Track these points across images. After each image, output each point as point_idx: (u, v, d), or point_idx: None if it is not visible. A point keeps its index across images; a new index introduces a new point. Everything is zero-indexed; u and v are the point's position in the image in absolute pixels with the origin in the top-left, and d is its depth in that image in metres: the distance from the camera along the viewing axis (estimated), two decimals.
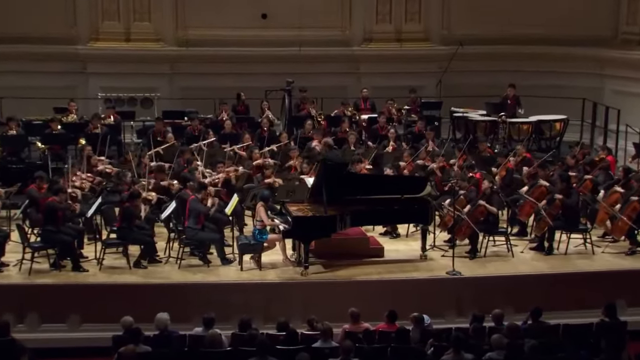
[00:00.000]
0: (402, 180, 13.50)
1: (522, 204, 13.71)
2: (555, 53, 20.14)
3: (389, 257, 13.01)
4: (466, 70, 20.27)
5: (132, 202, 12.49)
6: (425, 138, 16.85)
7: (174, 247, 12.90)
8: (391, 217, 12.92)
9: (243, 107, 18.76)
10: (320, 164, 12.78)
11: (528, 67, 20.25)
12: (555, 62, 20.24)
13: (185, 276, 12.23)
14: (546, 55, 20.25)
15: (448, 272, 12.31)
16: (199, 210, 12.45)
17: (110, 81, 19.56)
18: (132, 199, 12.52)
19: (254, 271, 12.36)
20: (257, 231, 12.40)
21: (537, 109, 19.03)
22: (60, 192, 12.41)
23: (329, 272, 12.37)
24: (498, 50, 20.36)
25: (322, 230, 12.20)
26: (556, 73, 20.17)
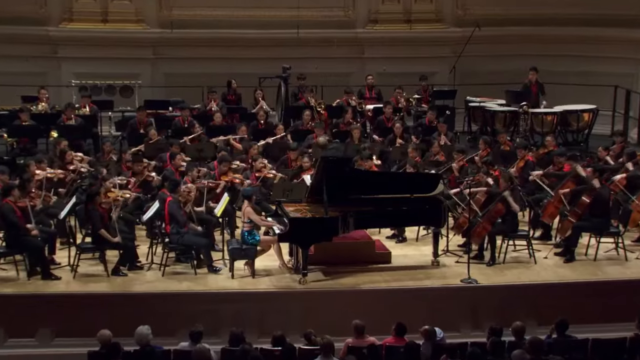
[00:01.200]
0: (412, 178, 13.52)
1: (546, 204, 13.73)
2: (584, 35, 20.17)
3: (397, 263, 13.04)
4: (483, 55, 20.30)
5: (93, 202, 12.38)
6: (438, 131, 16.88)
7: (157, 252, 12.92)
8: (399, 218, 12.94)
9: (234, 96, 18.78)
10: (320, 159, 12.79)
11: (553, 51, 20.28)
12: (583, 45, 20.26)
13: (169, 285, 12.25)
14: (573, 38, 20.28)
15: (463, 280, 12.33)
16: (177, 217, 12.44)
17: (85, 67, 19.57)
18: (91, 200, 12.40)
19: (246, 279, 12.38)
20: (245, 233, 12.42)
21: (563, 98, 19.06)
22: (14, 190, 12.31)
23: (330, 280, 12.39)
24: (519, 33, 20.39)
25: (322, 233, 12.22)
26: (585, 57, 20.20)
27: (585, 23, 20.12)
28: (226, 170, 14.33)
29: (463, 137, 18.65)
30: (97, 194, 12.53)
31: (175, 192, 12.74)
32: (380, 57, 20.40)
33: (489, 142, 15.75)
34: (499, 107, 18.83)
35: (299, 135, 17.02)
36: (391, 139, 16.87)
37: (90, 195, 12.48)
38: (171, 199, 12.63)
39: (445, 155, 15.60)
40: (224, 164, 14.37)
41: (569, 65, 20.12)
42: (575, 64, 20.14)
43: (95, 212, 12.31)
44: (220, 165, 14.39)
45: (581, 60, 20.20)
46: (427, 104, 18.83)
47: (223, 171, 14.30)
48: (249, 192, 12.75)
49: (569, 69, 20.04)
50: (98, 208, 12.38)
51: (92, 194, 12.48)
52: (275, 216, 12.94)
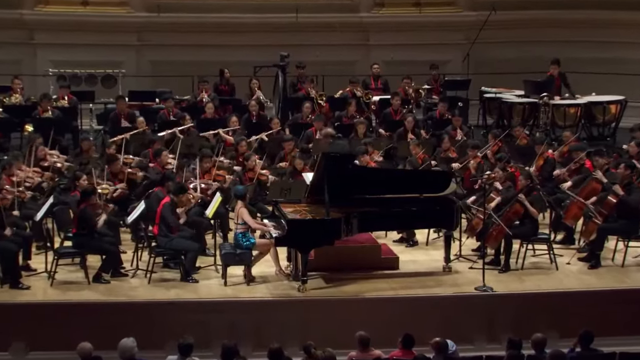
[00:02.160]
0: (422, 176, 13.54)
1: (569, 205, 13.74)
2: (612, 19, 20.17)
3: (406, 269, 13.06)
4: (500, 42, 20.30)
5: (88, 202, 12.47)
6: (452, 125, 16.88)
7: (143, 258, 12.94)
8: (408, 220, 12.95)
9: (227, 86, 18.80)
10: (322, 156, 12.80)
11: (577, 36, 20.29)
12: (611, 30, 20.26)
13: (156, 293, 12.27)
14: (600, 22, 20.29)
15: (477, 288, 12.35)
16: (169, 221, 12.46)
17: (64, 54, 19.59)
18: (86, 198, 12.48)
19: (240, 286, 12.40)
20: (239, 236, 12.43)
21: (587, 88, 19.05)
22: None
23: (332, 288, 12.41)
24: (539, 16, 20.40)
25: (323, 236, 12.24)
26: (613, 44, 20.19)
27: (613, 6, 20.11)
28: (209, 167, 14.28)
29: (477, 132, 18.65)
30: (93, 192, 12.59)
31: (177, 195, 12.72)
32: (387, 44, 20.40)
33: (499, 136, 15.76)
34: (517, 98, 18.84)
35: (297, 129, 17.02)
36: (401, 134, 16.87)
37: (85, 193, 12.52)
38: (168, 200, 12.63)
39: (457, 152, 15.62)
40: (206, 160, 14.30)
41: (595, 51, 20.11)
42: (602, 51, 20.12)
43: (89, 212, 12.35)
44: (201, 162, 14.34)
45: (608, 46, 20.18)
46: (438, 95, 18.85)
47: (205, 169, 14.25)
48: (242, 191, 12.73)
49: (595, 55, 20.03)
50: (92, 208, 12.45)
51: (88, 192, 12.55)
52: (272, 218, 12.96)
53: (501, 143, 15.66)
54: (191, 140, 16.07)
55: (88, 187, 12.86)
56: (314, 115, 17.45)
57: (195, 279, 12.54)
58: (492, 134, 15.94)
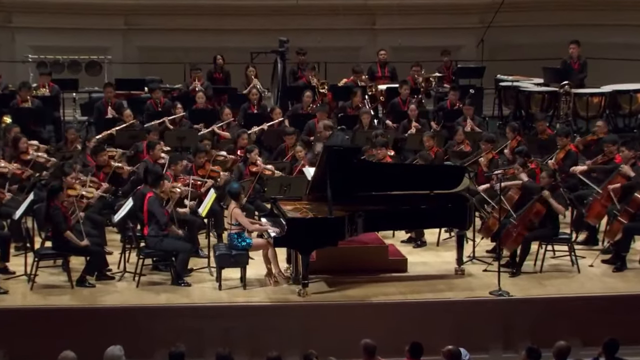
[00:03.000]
0: (432, 171, 13.55)
1: (592, 203, 13.74)
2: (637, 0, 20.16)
3: (415, 272, 13.09)
4: (517, 25, 20.32)
5: (56, 200, 12.38)
6: (463, 115, 16.91)
7: (131, 259, 12.97)
8: (417, 219, 12.97)
9: (221, 74, 18.83)
10: (324, 149, 12.83)
11: (601, 19, 20.31)
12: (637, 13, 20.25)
13: (145, 297, 12.29)
14: (627, 4, 20.27)
15: (492, 293, 12.37)
16: (157, 216, 12.48)
17: (45, 39, 19.61)
18: (53, 196, 12.38)
19: (235, 290, 12.42)
20: (234, 236, 12.44)
21: (612, 76, 19.06)
22: None
23: (335, 292, 12.43)
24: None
25: (325, 236, 12.25)
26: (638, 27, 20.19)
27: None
28: (202, 162, 14.30)
29: (493, 123, 18.67)
30: (60, 189, 12.55)
31: (156, 186, 12.73)
32: (395, 28, 20.42)
33: (518, 129, 15.76)
34: (536, 87, 18.85)
35: (298, 120, 17.04)
36: (405, 125, 16.90)
37: (52, 191, 12.49)
38: (152, 194, 12.65)
39: (471, 145, 15.63)
40: (199, 155, 14.32)
41: (620, 36, 20.11)
42: (627, 35, 20.13)
43: (58, 211, 12.35)
44: (195, 158, 14.35)
45: (634, 30, 20.18)
46: (450, 84, 18.87)
47: (199, 164, 14.27)
48: (236, 190, 12.67)
49: (620, 40, 20.03)
50: (61, 206, 12.42)
51: (55, 189, 12.49)
52: (270, 216, 12.98)
53: (521, 137, 15.65)
54: (183, 133, 16.08)
55: (55, 184, 12.73)
56: (315, 105, 17.48)
57: (188, 283, 12.56)
58: (510, 127, 15.91)
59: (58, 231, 12.36)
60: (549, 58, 19.11)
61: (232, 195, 12.59)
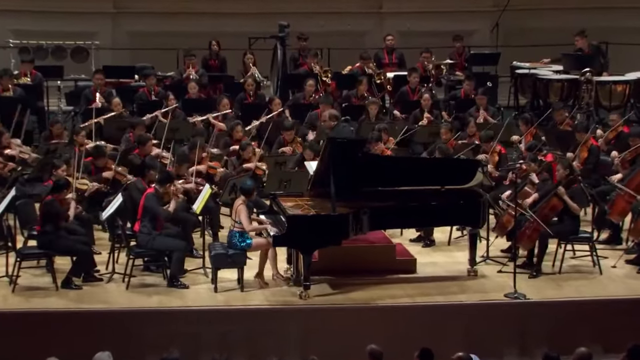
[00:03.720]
0: (443, 165, 13.56)
1: (615, 199, 13.76)
2: None
3: (424, 273, 13.11)
4: (534, 9, 20.34)
5: (58, 195, 12.52)
6: (476, 105, 16.93)
7: (120, 260, 13.01)
8: (427, 216, 12.97)
9: (217, 61, 18.85)
10: (327, 142, 12.84)
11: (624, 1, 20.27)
12: None
13: (136, 300, 12.30)
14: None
15: (507, 295, 12.40)
16: (156, 212, 12.52)
17: (27, 22, 19.63)
18: (57, 191, 12.54)
19: (233, 293, 12.44)
20: (236, 235, 12.47)
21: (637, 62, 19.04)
22: None
23: (339, 294, 12.45)
24: None
25: (328, 234, 12.26)
26: None
27: None
28: (200, 158, 14.32)
29: (508, 114, 18.68)
30: (67, 185, 12.62)
31: (163, 186, 12.74)
32: (403, 11, 20.44)
33: (531, 121, 15.76)
34: (555, 74, 18.86)
35: (299, 111, 17.06)
36: (417, 115, 16.92)
37: (58, 186, 12.55)
38: (152, 191, 12.68)
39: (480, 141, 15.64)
40: (193, 151, 14.36)
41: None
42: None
43: (56, 206, 12.40)
44: (190, 153, 14.39)
45: None
46: (463, 72, 18.88)
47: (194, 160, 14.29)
48: (249, 187, 12.64)
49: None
50: (61, 202, 12.48)
51: (61, 185, 12.58)
52: (269, 213, 13.00)
53: (535, 130, 15.66)
54: (177, 125, 16.09)
55: (62, 179, 12.86)
56: (317, 95, 17.49)
57: (184, 284, 12.59)
58: (522, 119, 15.94)
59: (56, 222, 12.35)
60: (568, 44, 19.09)
61: (244, 191, 12.55)
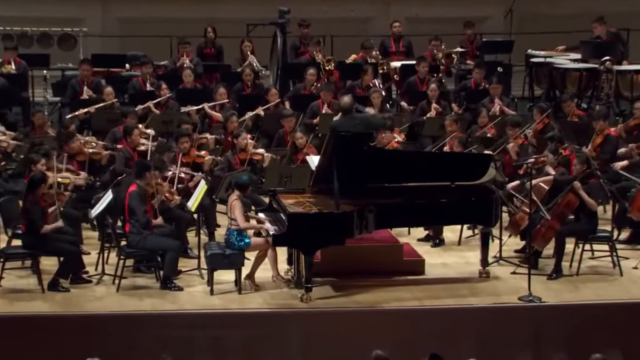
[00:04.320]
0: (454, 160, 13.57)
1: (636, 195, 13.75)
2: None
3: (433, 274, 13.14)
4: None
5: (35, 192, 12.48)
6: (489, 96, 16.93)
7: (111, 260, 13.03)
8: (436, 214, 12.97)
9: (213, 49, 18.86)
10: (330, 134, 12.85)
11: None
12: None
13: (127, 303, 12.32)
14: None
15: (522, 298, 12.41)
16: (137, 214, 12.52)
17: (10, 8, 19.61)
18: (33, 187, 12.45)
19: (230, 295, 12.44)
20: (234, 233, 12.47)
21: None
22: None
23: (342, 297, 12.47)
24: None
25: (331, 233, 12.26)
26: None
27: None
28: (187, 148, 14.34)
29: (522, 105, 18.69)
30: (42, 181, 12.56)
31: (142, 178, 12.76)
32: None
33: (547, 111, 15.75)
34: (572, 63, 18.84)
35: (300, 102, 17.08)
36: (423, 107, 16.92)
37: (33, 182, 12.51)
38: (135, 188, 12.69)
39: (496, 129, 15.65)
40: (183, 139, 14.38)
41: None
42: None
43: (35, 206, 12.39)
44: (178, 143, 14.42)
45: None
46: (474, 61, 18.89)
47: (183, 150, 14.33)
48: (244, 182, 12.62)
49: None
50: (40, 200, 12.47)
51: (36, 181, 12.52)
52: (268, 211, 13.01)
53: (548, 120, 15.67)
54: (170, 116, 16.11)
55: (38, 173, 12.82)
56: (319, 84, 17.50)
57: (178, 286, 12.61)
58: (538, 108, 15.95)
59: (34, 228, 12.39)
60: (587, 30, 19.07)
61: (239, 186, 12.53)
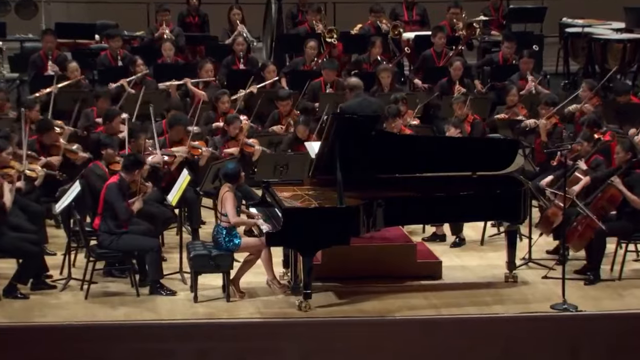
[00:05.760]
0: (475, 146, 13.61)
1: None
2: None
3: (451, 278, 13.23)
4: None
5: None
6: (519, 72, 16.96)
7: (79, 263, 13.09)
8: (455, 209, 13.00)
9: (197, 18, 18.89)
10: (332, 118, 12.88)
11: None
12: None
13: (97, 312, 12.39)
14: None
15: (555, 307, 12.48)
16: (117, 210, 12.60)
17: None
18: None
19: (217, 303, 12.52)
20: (223, 231, 12.51)
21: None
22: None
23: (347, 305, 12.55)
24: None
25: (334, 232, 12.31)
26: None
27: None
28: (180, 136, 14.42)
29: (556, 82, 18.73)
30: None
31: (129, 173, 12.79)
32: None
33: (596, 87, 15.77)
34: (615, 33, 18.87)
35: (298, 79, 17.12)
36: (444, 86, 16.94)
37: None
38: (116, 180, 12.73)
39: (527, 110, 15.68)
40: (176, 127, 14.45)
41: None
42: None
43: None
44: (171, 130, 14.48)
45: None
46: (499, 31, 18.91)
47: (175, 138, 14.40)
48: (233, 171, 12.62)
49: None
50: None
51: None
52: (261, 206, 13.07)
53: (599, 100, 15.69)
54: (148, 96, 16.15)
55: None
56: (320, 59, 17.54)
57: (170, 289, 12.67)
58: (587, 84, 15.90)
59: None
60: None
61: (228, 176, 12.57)
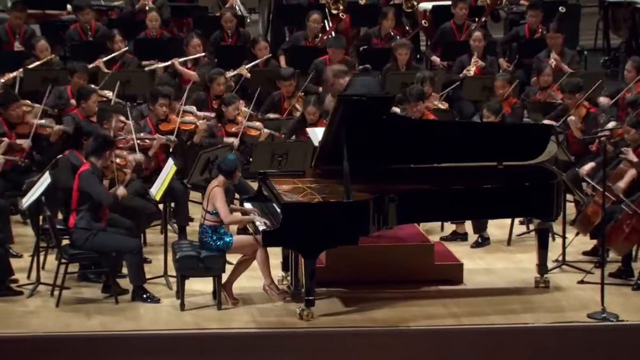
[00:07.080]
0: (501, 133, 13.66)
1: None
2: None
3: (474, 283, 13.31)
4: None
5: None
6: (547, 48, 17.01)
7: (49, 265, 13.16)
8: (478, 205, 13.05)
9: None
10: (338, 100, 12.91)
11: None
12: None
13: (70, 321, 12.43)
14: None
15: (592, 315, 12.53)
16: (96, 197, 12.67)
17: None
18: None
19: (206, 311, 12.59)
20: (208, 231, 12.53)
21: None
22: None
23: (355, 314, 12.60)
24: None
25: (340, 230, 12.37)
26: None
27: None
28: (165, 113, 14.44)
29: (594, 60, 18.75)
30: None
31: (100, 156, 12.85)
32: None
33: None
34: None
35: (300, 57, 17.17)
36: (463, 62, 16.98)
37: None
38: (88, 167, 12.79)
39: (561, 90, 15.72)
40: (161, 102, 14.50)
41: None
42: None
43: None
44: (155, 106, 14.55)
45: None
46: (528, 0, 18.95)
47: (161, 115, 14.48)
48: (232, 164, 12.65)
49: None
50: None
51: None
52: (257, 200, 13.13)
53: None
54: (127, 74, 16.21)
55: None
56: (326, 35, 17.58)
57: (154, 296, 12.75)
58: (633, 62, 15.94)
59: None
60: None
61: (225, 171, 12.59)
